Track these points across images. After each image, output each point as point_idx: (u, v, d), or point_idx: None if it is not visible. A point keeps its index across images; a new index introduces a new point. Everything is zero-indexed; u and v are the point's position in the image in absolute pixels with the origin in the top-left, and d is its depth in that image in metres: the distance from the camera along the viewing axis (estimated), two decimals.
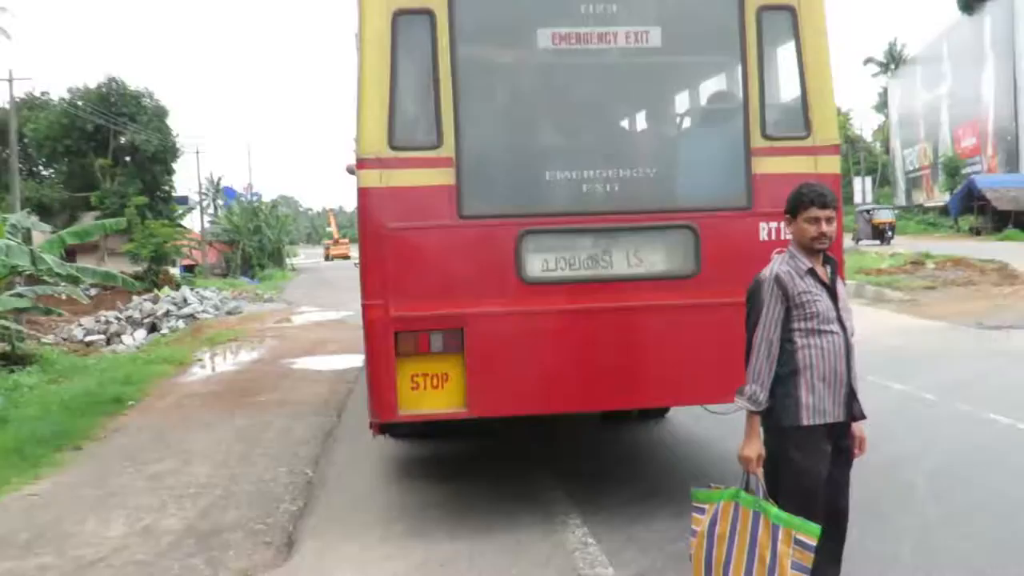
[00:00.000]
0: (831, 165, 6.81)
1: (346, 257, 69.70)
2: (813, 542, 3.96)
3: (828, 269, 4.41)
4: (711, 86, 7.77)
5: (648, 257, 6.71)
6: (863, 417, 4.43)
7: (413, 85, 6.72)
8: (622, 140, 7.67)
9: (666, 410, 9.49)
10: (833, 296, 4.35)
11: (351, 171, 7.21)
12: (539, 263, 6.61)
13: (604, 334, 6.62)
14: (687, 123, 8.03)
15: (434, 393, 6.58)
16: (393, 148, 6.47)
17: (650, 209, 6.82)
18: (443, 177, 6.52)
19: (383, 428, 7.45)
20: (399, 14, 6.43)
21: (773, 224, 6.58)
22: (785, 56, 6.90)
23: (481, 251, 6.65)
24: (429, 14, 6.44)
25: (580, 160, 6.91)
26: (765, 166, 6.66)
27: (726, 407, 6.02)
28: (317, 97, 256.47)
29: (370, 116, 6.53)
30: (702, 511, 4.31)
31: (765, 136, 6.69)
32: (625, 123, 7.90)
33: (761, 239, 6.61)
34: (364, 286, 6.73)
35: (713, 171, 7.13)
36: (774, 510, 4.05)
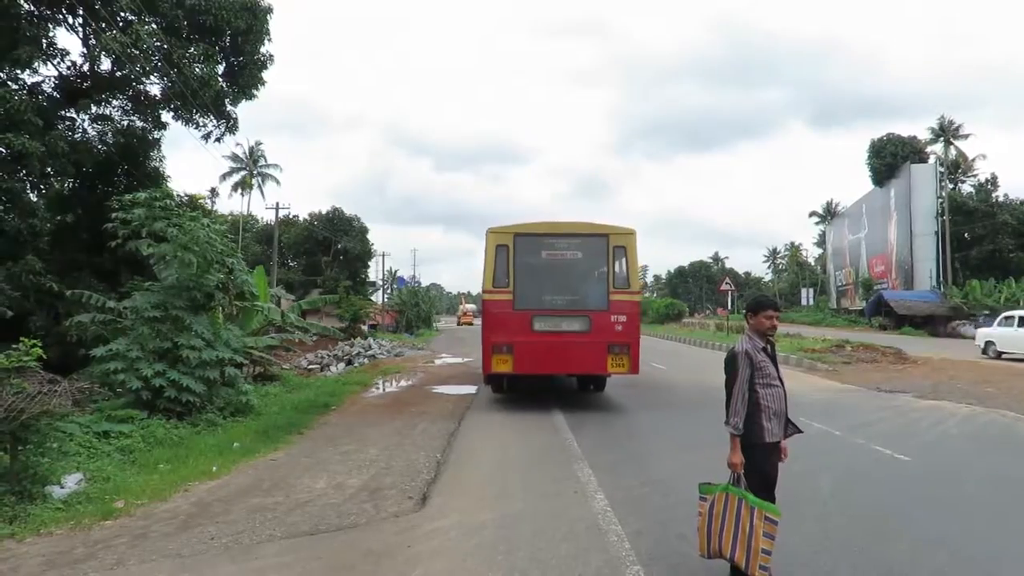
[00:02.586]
0: (637, 298, 12.45)
1: (471, 324, 69.97)
2: (777, 518, 4.02)
3: (770, 347, 4.54)
4: (598, 270, 12.21)
5: (574, 325, 11.89)
6: (797, 432, 4.52)
7: (502, 267, 12.04)
8: (569, 286, 12.19)
9: (603, 385, 14.24)
10: (775, 363, 4.48)
11: (483, 292, 12.40)
12: (538, 324, 11.85)
13: (559, 349, 11.78)
14: (590, 282, 12.27)
15: (503, 364, 11.84)
16: (494, 287, 12.06)
17: (576, 309, 12.00)
18: (508, 297, 11.99)
19: (487, 379, 13.39)
20: (498, 245, 12.04)
21: (615, 316, 11.83)
22: (621, 260, 12.07)
23: (519, 321, 11.86)
24: (508, 246, 12.02)
25: (553, 292, 12.08)
26: (615, 297, 11.88)
27: (608, 376, 13.42)
28: (466, 243, 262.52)
29: (487, 277, 12.10)
30: (705, 499, 4.29)
31: (614, 288, 11.93)
32: (570, 281, 12.25)
33: (611, 321, 11.78)
34: (483, 331, 12.39)
35: (597, 298, 11.97)
36: (752, 497, 4.11)
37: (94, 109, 17.03)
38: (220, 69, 17.10)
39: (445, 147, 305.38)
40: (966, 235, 54.20)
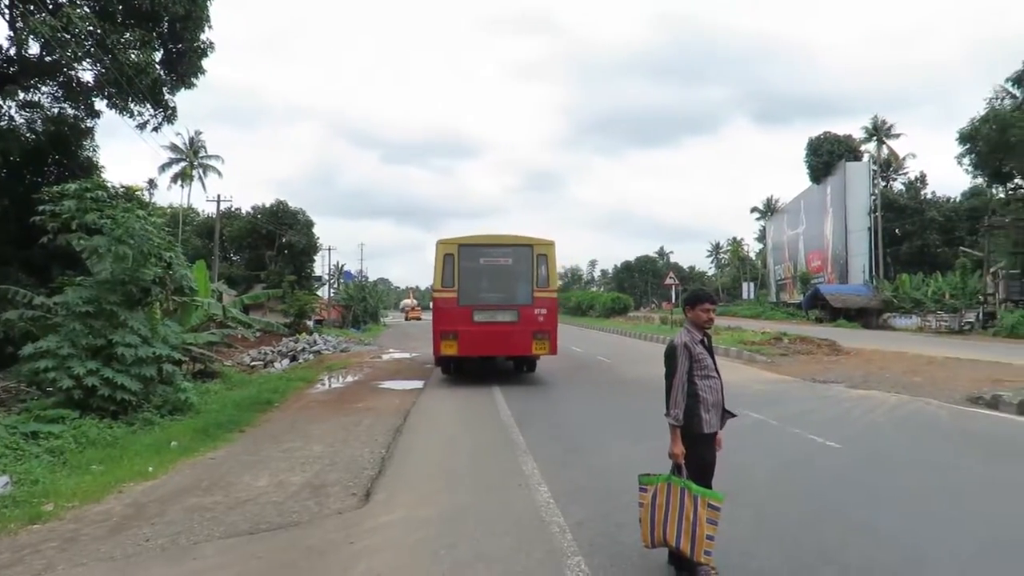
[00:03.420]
0: (555, 295, 15.25)
1: (419, 319, 69.54)
2: (720, 504, 4.12)
3: (708, 340, 4.65)
4: (525, 273, 14.83)
5: (506, 317, 14.60)
6: (732, 416, 4.64)
7: (449, 271, 14.55)
8: (502, 286, 14.94)
9: (534, 366, 16.83)
10: (712, 355, 4.59)
11: (432, 291, 15.36)
12: (478, 316, 14.46)
13: (494, 336, 14.53)
14: (518, 282, 14.86)
15: (450, 348, 14.49)
16: (442, 287, 14.61)
17: (507, 304, 14.69)
18: (453, 295, 14.56)
19: (437, 361, 15.91)
20: (446, 254, 14.55)
21: (538, 309, 14.60)
22: (543, 265, 14.80)
23: (462, 314, 14.42)
24: (453, 254, 14.54)
25: (489, 291, 14.86)
26: (538, 294, 14.70)
27: (538, 357, 15.98)
28: (417, 237, 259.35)
29: (436, 279, 14.65)
30: (646, 490, 4.34)
31: (537, 287, 14.72)
32: (502, 282, 14.97)
33: (535, 313, 14.57)
34: (433, 323, 14.92)
35: (524, 295, 14.70)
36: (695, 486, 4.18)
37: (22, 95, 16.28)
38: (157, 56, 16.51)
39: (394, 139, 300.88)
40: (897, 231, 56.43)
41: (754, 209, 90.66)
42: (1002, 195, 43.30)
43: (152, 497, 6.43)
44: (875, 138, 64.16)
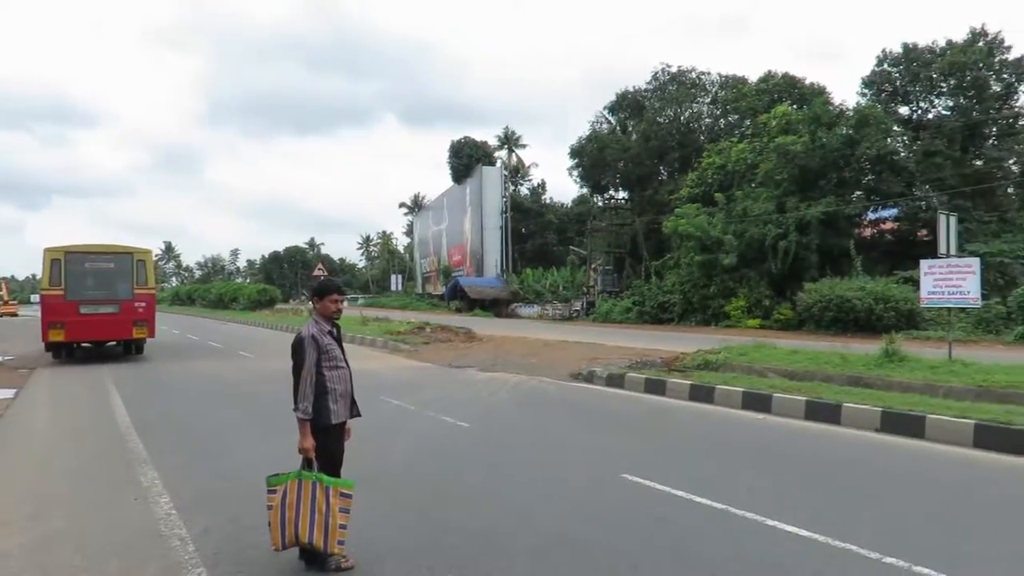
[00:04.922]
0: (152, 292, 18.81)
1: (14, 315, 57.79)
2: (351, 492, 4.18)
3: (336, 330, 4.65)
4: (126, 274, 17.95)
5: (109, 309, 17.61)
6: (359, 415, 4.70)
7: (56, 273, 17.09)
8: (106, 285, 17.79)
9: (142, 348, 19.69)
10: (340, 345, 4.60)
11: (41, 289, 18.12)
12: (84, 309, 17.17)
13: (99, 324, 17.46)
14: (121, 282, 17.90)
15: (58, 335, 17.00)
16: (50, 286, 17.18)
17: (111, 299, 17.60)
18: (61, 292, 17.06)
19: (47, 347, 17.95)
20: (53, 259, 17.11)
21: (138, 303, 17.88)
22: (142, 269, 18.12)
23: (70, 307, 17.03)
24: (60, 259, 17.16)
25: (95, 288, 17.66)
26: (137, 291, 17.91)
27: (144, 340, 19.01)
28: (10, 216, 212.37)
29: (44, 279, 17.42)
30: (275, 491, 4.19)
31: (137, 285, 17.93)
32: (107, 281, 17.85)
33: (135, 306, 17.83)
34: (42, 315, 17.31)
35: (125, 291, 17.88)
36: (326, 478, 4.17)
37: None
38: None
39: None
40: (523, 230, 63.96)
41: (403, 204, 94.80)
42: (600, 203, 51.98)
43: None
44: (506, 146, 71.87)
